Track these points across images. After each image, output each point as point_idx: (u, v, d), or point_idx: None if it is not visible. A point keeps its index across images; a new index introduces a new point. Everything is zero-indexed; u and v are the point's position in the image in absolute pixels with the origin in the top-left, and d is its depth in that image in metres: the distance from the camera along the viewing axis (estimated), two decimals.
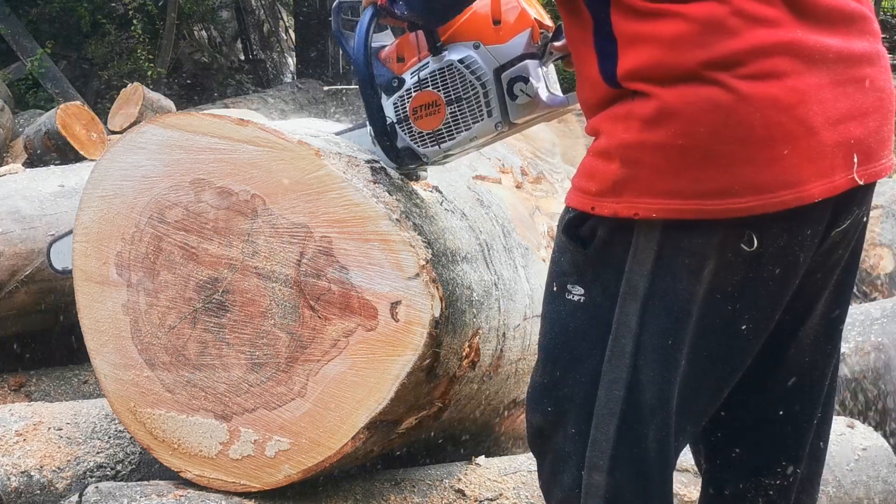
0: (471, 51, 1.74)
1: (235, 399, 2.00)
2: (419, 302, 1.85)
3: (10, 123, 7.21)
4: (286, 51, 13.23)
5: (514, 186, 2.63)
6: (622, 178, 1.35)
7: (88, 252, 2.15)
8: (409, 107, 1.81)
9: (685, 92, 1.32)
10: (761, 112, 1.31)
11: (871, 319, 2.99)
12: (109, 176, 2.12)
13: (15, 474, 2.20)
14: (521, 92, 1.73)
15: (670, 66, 1.33)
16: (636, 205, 1.34)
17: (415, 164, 1.91)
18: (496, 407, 2.38)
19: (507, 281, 2.23)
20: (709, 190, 1.32)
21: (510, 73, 1.74)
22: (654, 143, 1.33)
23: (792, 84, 1.32)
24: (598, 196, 1.37)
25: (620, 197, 1.35)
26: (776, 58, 1.32)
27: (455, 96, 1.77)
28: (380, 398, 1.88)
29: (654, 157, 1.33)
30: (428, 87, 1.78)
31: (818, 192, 1.34)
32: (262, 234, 1.96)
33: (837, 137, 1.35)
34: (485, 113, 1.76)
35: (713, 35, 1.31)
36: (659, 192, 1.33)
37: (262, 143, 1.95)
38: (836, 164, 1.35)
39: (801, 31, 1.35)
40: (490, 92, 1.75)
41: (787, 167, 1.32)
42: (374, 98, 1.83)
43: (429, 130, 1.81)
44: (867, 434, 2.58)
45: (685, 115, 1.31)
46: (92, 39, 10.17)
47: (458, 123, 1.79)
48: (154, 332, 2.07)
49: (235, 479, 2.02)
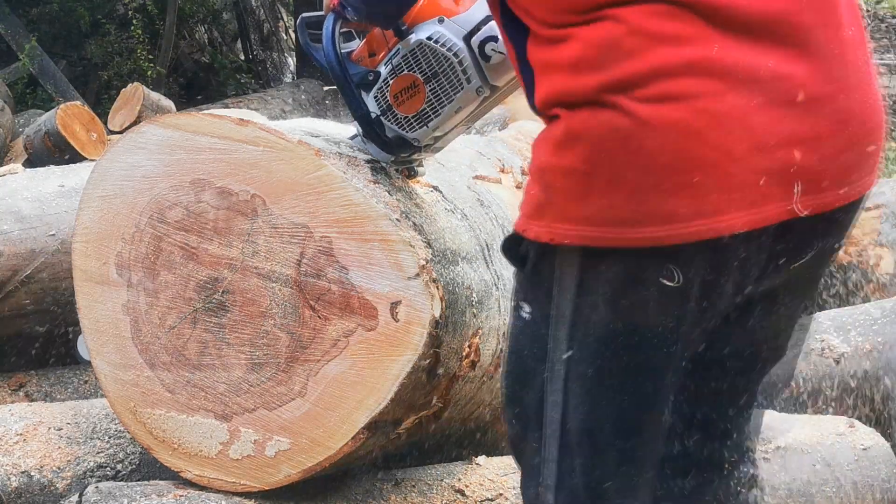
0: (436, 26, 1.77)
1: (235, 399, 2.00)
2: (419, 302, 1.85)
3: (10, 123, 7.21)
4: (286, 51, 13.23)
5: (514, 186, 2.63)
6: (542, 202, 1.32)
7: (88, 252, 2.15)
8: (389, 95, 1.83)
9: (586, 116, 1.27)
10: (664, 137, 1.23)
11: (871, 319, 2.99)
12: (109, 176, 2.12)
13: (15, 474, 2.20)
14: (494, 51, 1.75)
15: (572, 91, 1.28)
16: (553, 230, 1.30)
17: (408, 152, 1.92)
18: (496, 407, 2.38)
19: (507, 281, 2.23)
20: (617, 218, 1.26)
21: (479, 37, 1.76)
22: (563, 167, 1.29)
23: (703, 106, 1.23)
24: (528, 218, 1.35)
25: (541, 220, 1.32)
26: (683, 78, 1.24)
27: (431, 72, 1.79)
28: (380, 398, 1.88)
29: (565, 182, 1.29)
30: (403, 70, 1.80)
31: (739, 224, 1.24)
32: (262, 234, 1.96)
33: (771, 164, 1.25)
34: (463, 81, 1.78)
35: (609, 57, 1.25)
36: (571, 218, 1.29)
37: (262, 143, 1.95)
38: (769, 192, 1.25)
39: (722, 48, 1.25)
40: (464, 60, 1.77)
41: (699, 196, 1.23)
42: (353, 96, 1.85)
43: (413, 113, 1.83)
44: (867, 434, 2.58)
45: (587, 140, 1.26)
46: (92, 39, 10.17)
47: (440, 98, 1.81)
48: (154, 332, 2.07)
49: (235, 479, 2.02)
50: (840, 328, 2.97)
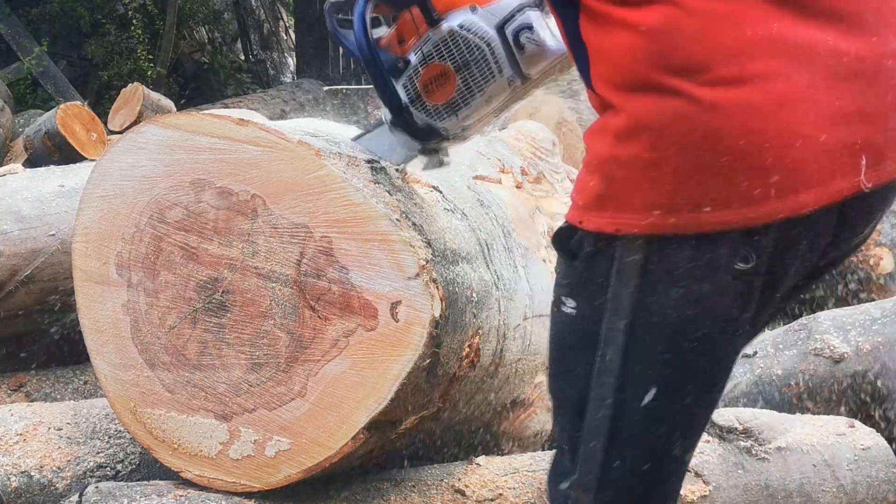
0: (468, 14, 1.73)
1: (235, 399, 2.00)
2: (419, 302, 1.85)
3: (10, 123, 7.21)
4: (286, 51, 13.24)
5: (514, 186, 2.63)
6: (602, 193, 1.31)
7: (88, 252, 2.15)
8: (419, 84, 1.79)
9: (649, 103, 1.26)
10: (732, 121, 1.23)
11: (871, 319, 2.99)
12: (109, 176, 2.12)
13: (15, 474, 2.20)
14: (529, 40, 1.71)
15: (631, 77, 1.27)
16: (617, 220, 1.30)
17: (436, 141, 1.88)
18: (496, 407, 2.39)
19: (507, 281, 2.23)
20: (687, 204, 1.26)
21: (514, 26, 1.72)
22: (626, 157, 1.28)
23: (769, 87, 1.23)
24: (584, 210, 1.34)
25: (603, 211, 1.31)
26: (746, 60, 1.23)
27: (462, 62, 1.75)
28: (380, 398, 1.88)
29: (629, 172, 1.28)
30: (434, 59, 1.76)
31: (812, 201, 1.25)
32: (262, 234, 1.96)
33: (838, 140, 1.26)
34: (495, 71, 1.74)
35: (667, 41, 1.24)
36: (637, 207, 1.28)
37: (262, 143, 1.95)
38: (836, 169, 1.26)
39: (781, 26, 1.25)
40: (496, 49, 1.73)
41: (770, 176, 1.24)
42: (385, 83, 1.80)
43: (443, 102, 1.79)
44: (867, 434, 2.58)
45: (652, 129, 1.26)
46: (92, 39, 10.17)
47: (471, 87, 1.77)
48: (154, 332, 2.07)
49: (235, 479, 2.02)
50: (840, 328, 2.98)
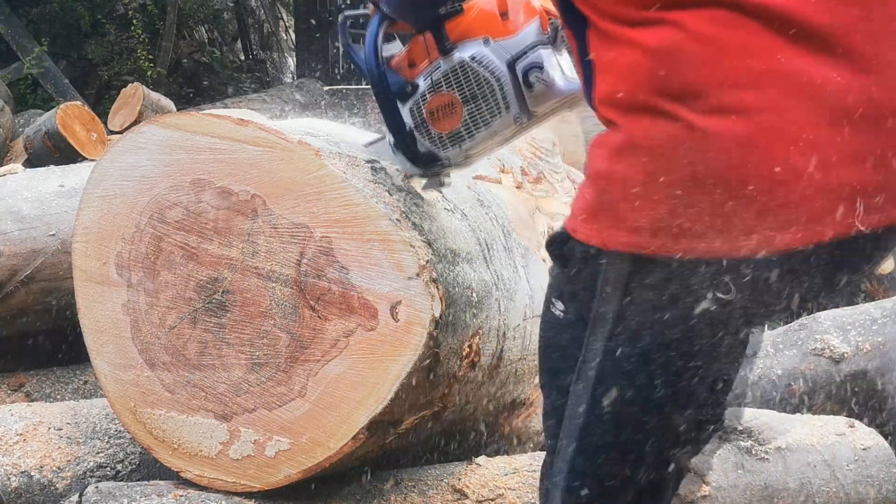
0: (481, 47, 1.72)
1: (235, 399, 2.00)
2: (419, 302, 1.85)
3: (10, 123, 7.21)
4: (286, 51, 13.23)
5: (514, 186, 2.63)
6: (595, 207, 1.32)
7: (88, 252, 2.15)
8: (425, 110, 1.78)
9: (645, 125, 1.25)
10: (725, 151, 1.21)
11: (871, 319, 2.99)
12: (109, 176, 2.12)
13: (15, 474, 2.20)
14: (538, 80, 1.71)
15: (630, 97, 1.27)
16: (604, 235, 1.30)
17: (438, 168, 1.88)
18: (496, 407, 2.39)
19: (507, 281, 2.23)
20: (672, 228, 1.25)
21: (524, 63, 1.71)
22: (619, 175, 1.28)
23: (768, 121, 1.21)
24: (578, 220, 1.35)
25: (593, 224, 1.32)
26: (747, 91, 1.21)
27: (470, 94, 1.74)
28: (380, 398, 1.88)
29: (620, 190, 1.28)
30: (442, 88, 1.76)
31: (799, 240, 1.22)
32: (262, 234, 1.96)
33: (833, 181, 1.22)
34: (502, 107, 1.74)
35: (669, 65, 1.23)
36: (625, 226, 1.28)
37: (262, 143, 1.95)
38: (828, 209, 1.22)
39: (789, 59, 1.22)
40: (505, 85, 1.72)
41: (758, 212, 1.21)
42: (391, 106, 1.80)
43: (448, 132, 1.79)
44: (867, 434, 2.58)
45: (646, 150, 1.25)
46: (92, 39, 10.17)
47: (477, 121, 1.76)
48: (154, 332, 2.07)
49: (235, 479, 2.02)
50: (840, 328, 2.98)
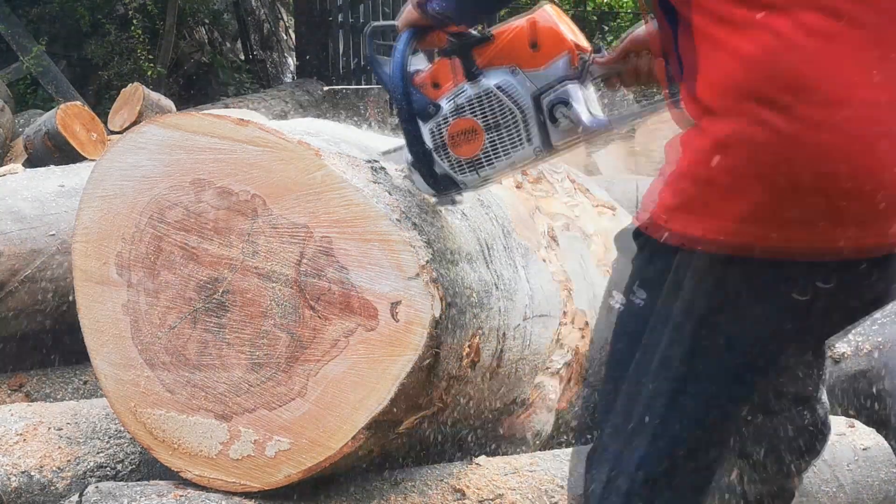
0: (508, 76, 1.69)
1: (235, 399, 2.00)
2: (419, 302, 1.85)
3: (10, 123, 7.21)
4: (286, 51, 13.23)
5: (514, 186, 2.62)
6: (676, 205, 1.33)
7: (88, 252, 2.15)
8: (446, 133, 1.76)
9: (735, 127, 1.27)
10: (814, 158, 1.24)
11: (871, 319, 2.98)
12: (109, 176, 2.12)
13: (15, 474, 2.20)
14: (563, 116, 1.68)
15: (722, 98, 1.28)
16: (685, 233, 1.32)
17: (453, 191, 1.86)
18: (497, 407, 2.38)
19: (507, 281, 2.23)
20: (756, 229, 1.28)
21: (550, 98, 1.68)
22: (704, 176, 1.30)
23: (857, 131, 1.23)
24: (657, 216, 1.36)
25: (674, 222, 1.34)
26: (840, 100, 1.23)
27: (493, 122, 1.72)
28: (380, 398, 1.88)
29: (705, 191, 1.30)
30: (465, 113, 1.74)
31: (881, 246, 1.27)
32: (262, 234, 1.96)
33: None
34: (524, 139, 1.71)
35: (764, 69, 1.25)
36: (705, 226, 1.30)
37: (262, 143, 1.95)
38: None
39: (881, 70, 1.24)
40: (529, 118, 1.70)
41: (841, 218, 1.25)
42: (412, 125, 1.78)
43: (467, 157, 1.77)
44: (867, 434, 2.58)
45: (733, 153, 1.27)
46: (92, 39, 10.16)
47: (497, 150, 1.74)
48: (154, 332, 2.07)
49: (235, 479, 2.02)
50: None
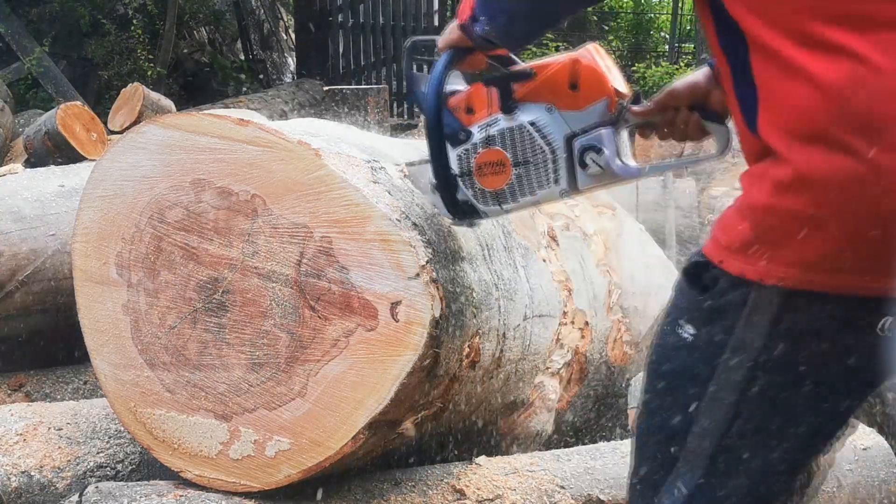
0: (544, 114, 1.67)
1: (235, 399, 2.00)
2: (419, 302, 1.85)
3: (10, 123, 7.21)
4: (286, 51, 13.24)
5: None
6: (751, 240, 1.30)
7: (88, 252, 2.15)
8: (474, 162, 1.74)
9: (819, 158, 1.22)
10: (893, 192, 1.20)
11: None
12: (109, 176, 2.12)
13: (15, 474, 2.20)
14: (593, 162, 1.66)
15: (804, 127, 1.24)
16: (763, 269, 1.29)
17: (472, 218, 1.85)
18: (497, 407, 2.38)
19: (507, 281, 2.23)
20: (833, 265, 1.25)
21: (583, 142, 1.66)
22: (784, 209, 1.26)
23: None
24: (728, 251, 1.33)
25: (748, 258, 1.30)
26: None
27: (523, 159, 1.70)
28: (380, 398, 1.88)
29: (783, 224, 1.26)
30: (496, 145, 1.72)
31: None
32: (262, 234, 1.96)
33: None
34: (551, 179, 1.70)
35: (850, 98, 1.20)
36: (788, 261, 1.27)
37: (262, 143, 1.95)
38: None
39: None
40: (559, 158, 1.68)
41: None
42: (440, 147, 1.76)
43: (491, 189, 1.75)
44: (867, 434, 2.58)
45: (818, 185, 1.23)
46: (92, 39, 10.17)
47: (523, 186, 1.72)
48: (154, 332, 2.08)
49: (235, 479, 2.02)
50: None
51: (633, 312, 2.87)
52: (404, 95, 12.00)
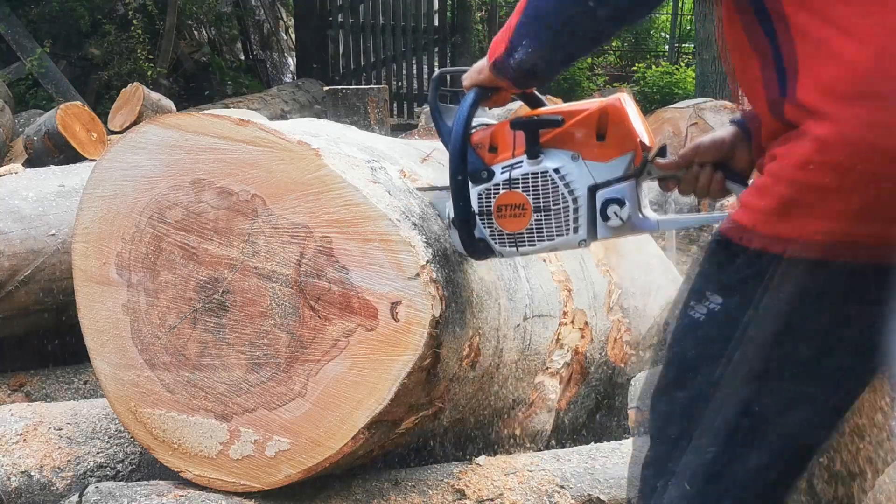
0: (569, 161, 1.66)
1: (235, 399, 2.00)
2: (419, 302, 1.85)
3: (10, 123, 7.22)
4: (286, 51, 13.24)
5: None
6: (789, 200, 1.31)
7: (88, 252, 2.15)
8: (494, 203, 1.74)
9: (864, 113, 1.25)
10: None
11: None
12: (109, 176, 2.13)
13: (15, 474, 2.20)
14: (615, 215, 1.65)
15: (847, 86, 1.26)
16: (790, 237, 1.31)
17: (487, 257, 1.85)
18: (496, 407, 2.38)
19: (507, 281, 2.23)
20: (872, 222, 1.27)
21: (606, 194, 1.65)
22: (811, 182, 1.28)
23: None
24: (764, 214, 1.34)
25: (775, 227, 1.32)
26: None
27: (543, 205, 1.69)
28: (380, 398, 1.88)
29: (826, 182, 1.28)
30: (518, 188, 1.70)
31: None
32: (262, 234, 1.96)
33: None
34: (571, 228, 1.69)
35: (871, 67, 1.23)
36: (825, 218, 1.28)
37: (262, 143, 1.95)
38: None
39: None
40: (581, 208, 1.67)
41: None
42: (463, 187, 1.76)
43: (509, 231, 1.74)
44: None
45: (863, 140, 1.25)
46: (92, 39, 10.17)
47: (542, 232, 1.71)
48: (154, 332, 2.08)
49: (235, 479, 2.02)
50: None
51: (633, 312, 2.88)
52: (404, 96, 12.01)
